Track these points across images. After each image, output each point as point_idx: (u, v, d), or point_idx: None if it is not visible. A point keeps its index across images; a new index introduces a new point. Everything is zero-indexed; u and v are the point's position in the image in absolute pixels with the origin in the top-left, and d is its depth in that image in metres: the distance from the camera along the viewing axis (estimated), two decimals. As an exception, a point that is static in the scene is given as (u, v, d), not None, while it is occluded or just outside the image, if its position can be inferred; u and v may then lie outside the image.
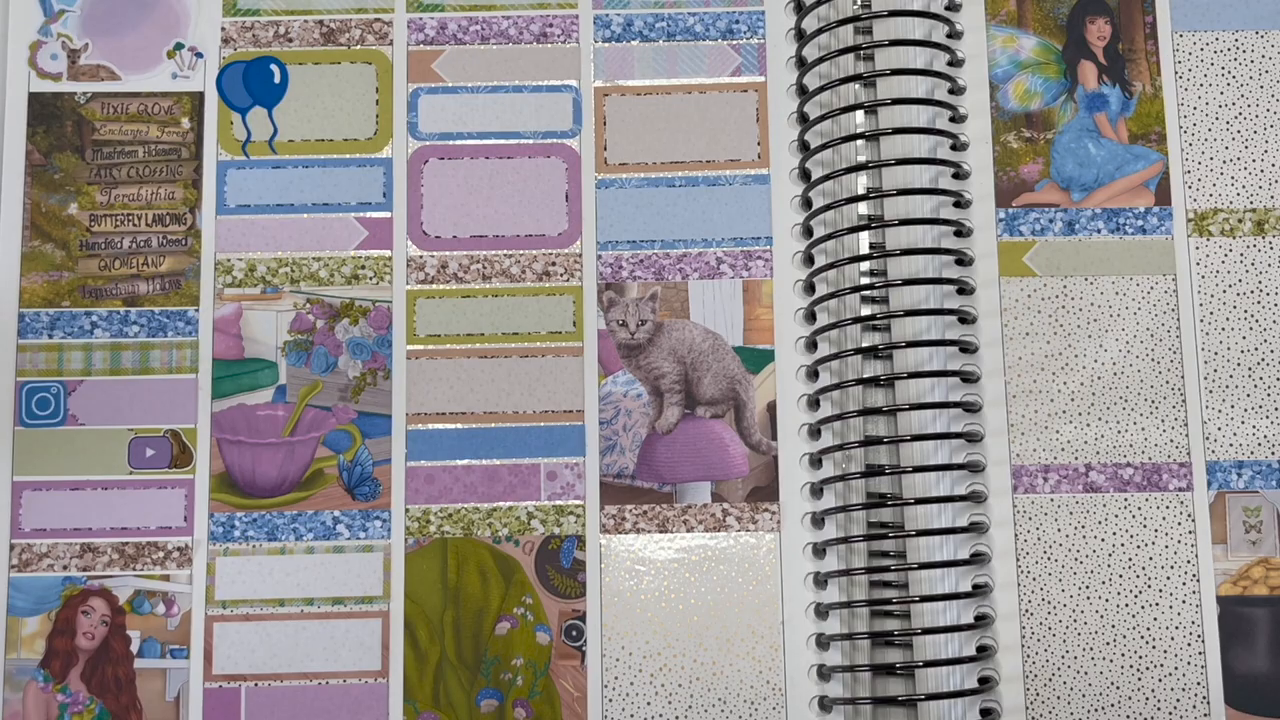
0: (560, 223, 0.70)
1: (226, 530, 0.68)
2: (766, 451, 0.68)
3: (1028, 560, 0.67)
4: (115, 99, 0.71)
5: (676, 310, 0.70)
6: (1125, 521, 0.67)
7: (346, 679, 0.67)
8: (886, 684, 0.66)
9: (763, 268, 0.70)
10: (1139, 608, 0.67)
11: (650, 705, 0.66)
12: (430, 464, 0.68)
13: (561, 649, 0.67)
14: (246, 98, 0.71)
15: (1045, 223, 0.70)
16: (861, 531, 0.66)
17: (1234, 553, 0.67)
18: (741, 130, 0.71)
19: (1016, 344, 0.69)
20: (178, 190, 0.70)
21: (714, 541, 0.68)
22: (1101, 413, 0.68)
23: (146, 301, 0.69)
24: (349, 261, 0.70)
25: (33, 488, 0.68)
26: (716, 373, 0.69)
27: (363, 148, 0.71)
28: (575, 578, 0.68)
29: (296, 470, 0.68)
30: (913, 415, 0.66)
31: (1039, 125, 0.71)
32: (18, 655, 0.67)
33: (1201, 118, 0.70)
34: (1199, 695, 0.66)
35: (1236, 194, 0.70)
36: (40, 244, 0.70)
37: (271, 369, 0.69)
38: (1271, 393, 0.68)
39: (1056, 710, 0.66)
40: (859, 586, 0.67)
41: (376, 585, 0.67)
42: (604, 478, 0.68)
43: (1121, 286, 0.69)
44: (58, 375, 0.69)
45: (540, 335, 0.69)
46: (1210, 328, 0.69)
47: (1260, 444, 0.68)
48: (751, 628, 0.67)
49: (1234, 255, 0.69)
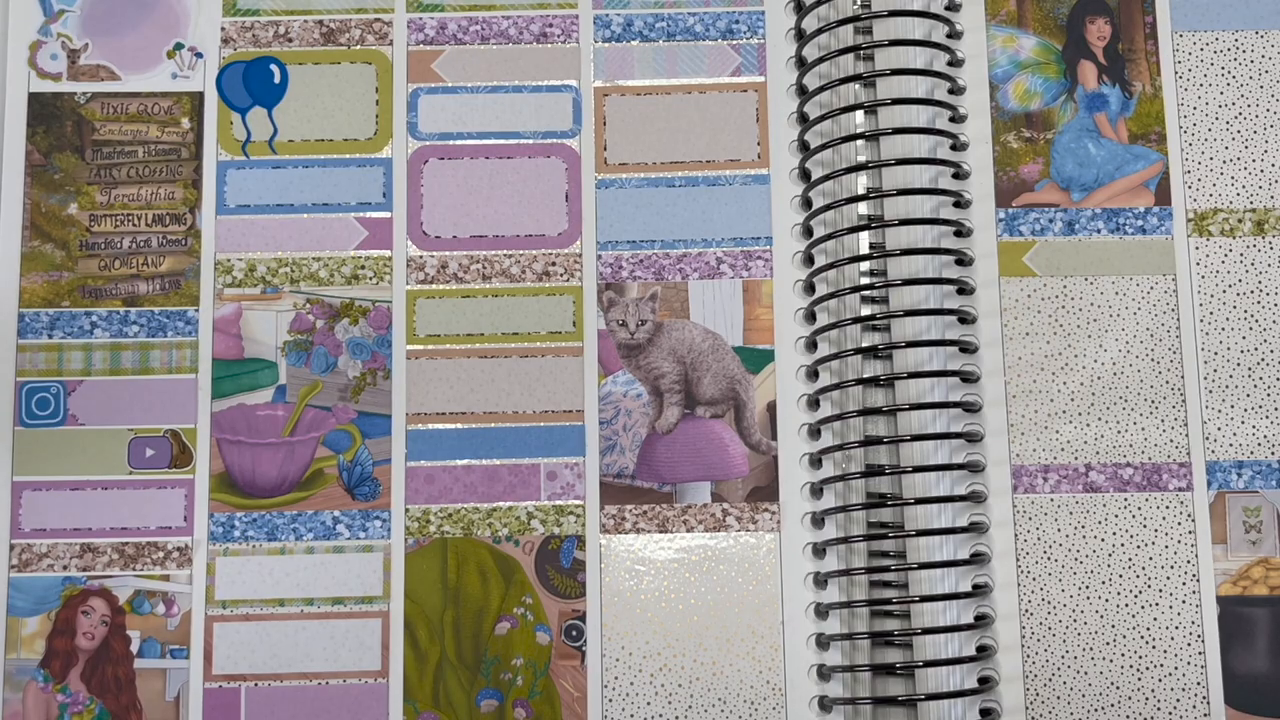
0: (560, 223, 0.70)
1: (226, 530, 0.68)
2: (766, 451, 0.68)
3: (1028, 560, 0.67)
4: (115, 99, 0.71)
5: (676, 310, 0.70)
6: (1125, 521, 0.67)
7: (346, 679, 0.67)
8: (886, 684, 0.66)
9: (763, 268, 0.70)
10: (1139, 608, 0.67)
11: (650, 705, 0.66)
12: (430, 464, 0.68)
13: (561, 649, 0.67)
14: (246, 98, 0.71)
15: (1045, 223, 0.70)
16: (861, 531, 0.66)
17: (1234, 553, 0.67)
18: (741, 130, 0.71)
19: (1016, 344, 0.69)
20: (178, 190, 0.70)
21: (714, 541, 0.68)
22: (1101, 413, 0.68)
23: (146, 301, 0.69)
24: (349, 261, 0.70)
25: (33, 488, 0.68)
26: (716, 373, 0.69)
27: (363, 148, 0.71)
28: (575, 578, 0.68)
29: (296, 470, 0.68)
30: (913, 415, 0.66)
31: (1039, 125, 0.71)
32: (18, 655, 0.67)
33: (1201, 118, 0.70)
34: (1199, 695, 0.66)
35: (1236, 194, 0.70)
36: (40, 244, 0.70)
37: (271, 369, 0.69)
38: (1271, 393, 0.68)
39: (1056, 710, 0.66)
40: (859, 586, 0.67)
41: (376, 585, 0.67)
42: (604, 478, 0.68)
43: (1121, 286, 0.69)
44: (58, 375, 0.69)
45: (540, 335, 0.69)
46: (1210, 328, 0.69)
47: (1260, 444, 0.68)
48: (751, 628, 0.67)
49: (1234, 255, 0.69)
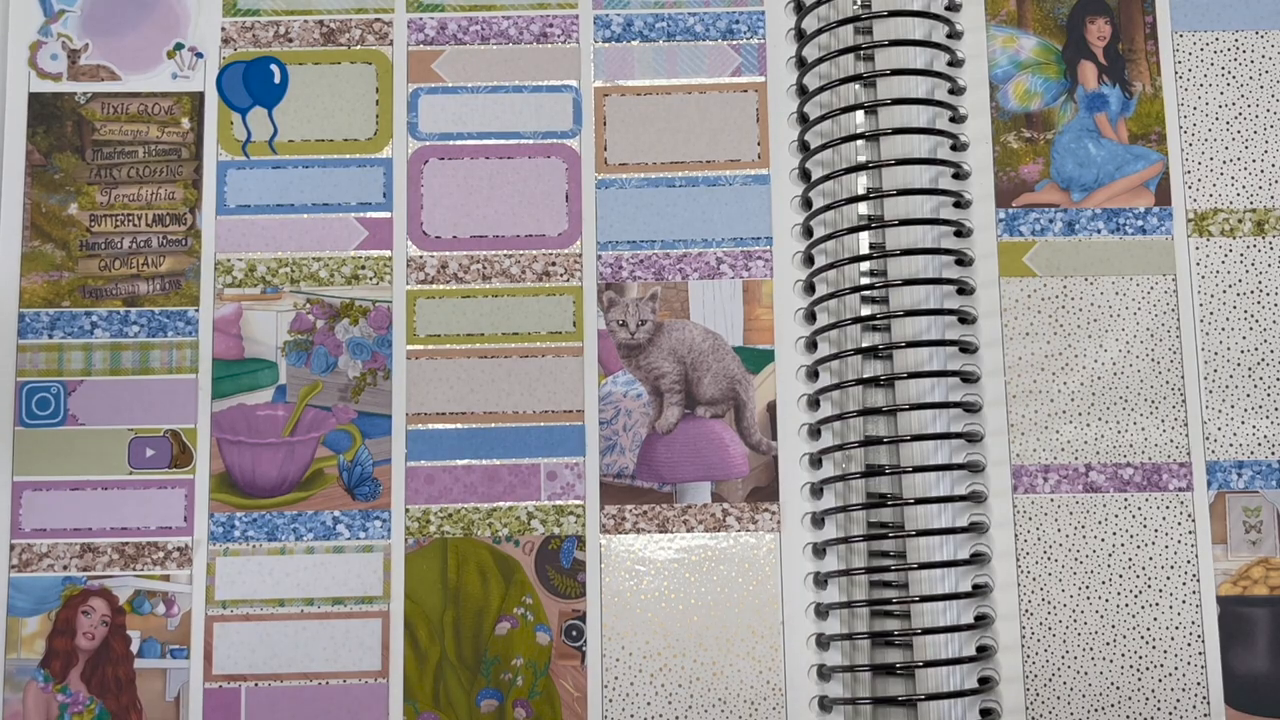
0: (560, 223, 0.70)
1: (226, 530, 0.68)
2: (766, 451, 0.68)
3: (1028, 560, 0.67)
4: (115, 99, 0.71)
5: (676, 310, 0.70)
6: (1125, 521, 0.67)
7: (346, 679, 0.67)
8: (887, 684, 0.66)
9: (763, 268, 0.70)
10: (1139, 608, 0.67)
11: (650, 705, 0.67)
12: (430, 464, 0.68)
13: (561, 649, 0.67)
14: (246, 98, 0.71)
15: (1045, 223, 0.70)
16: (861, 531, 0.67)
17: (1234, 553, 0.67)
18: (741, 130, 0.71)
19: (1016, 344, 0.69)
20: (178, 190, 0.70)
21: (714, 541, 0.68)
22: (1101, 413, 0.68)
23: (146, 301, 0.69)
24: (349, 261, 0.70)
25: (33, 488, 0.68)
26: (716, 373, 0.69)
27: (363, 148, 0.71)
28: (575, 578, 0.68)
29: (296, 470, 0.68)
30: (913, 415, 0.66)
31: (1039, 125, 0.71)
32: (18, 655, 0.67)
33: (1201, 118, 0.71)
34: (1199, 695, 0.66)
35: (1236, 194, 0.70)
36: (40, 244, 0.70)
37: (271, 369, 0.69)
38: (1271, 393, 0.68)
39: (1056, 710, 0.66)
40: (859, 586, 0.67)
41: (376, 585, 0.67)
42: (604, 478, 0.68)
43: (1121, 286, 0.69)
44: (58, 375, 0.69)
45: (540, 335, 0.69)
46: (1210, 328, 0.69)
47: (1260, 444, 0.68)
48: (751, 628, 0.67)
49: (1234, 255, 0.69)
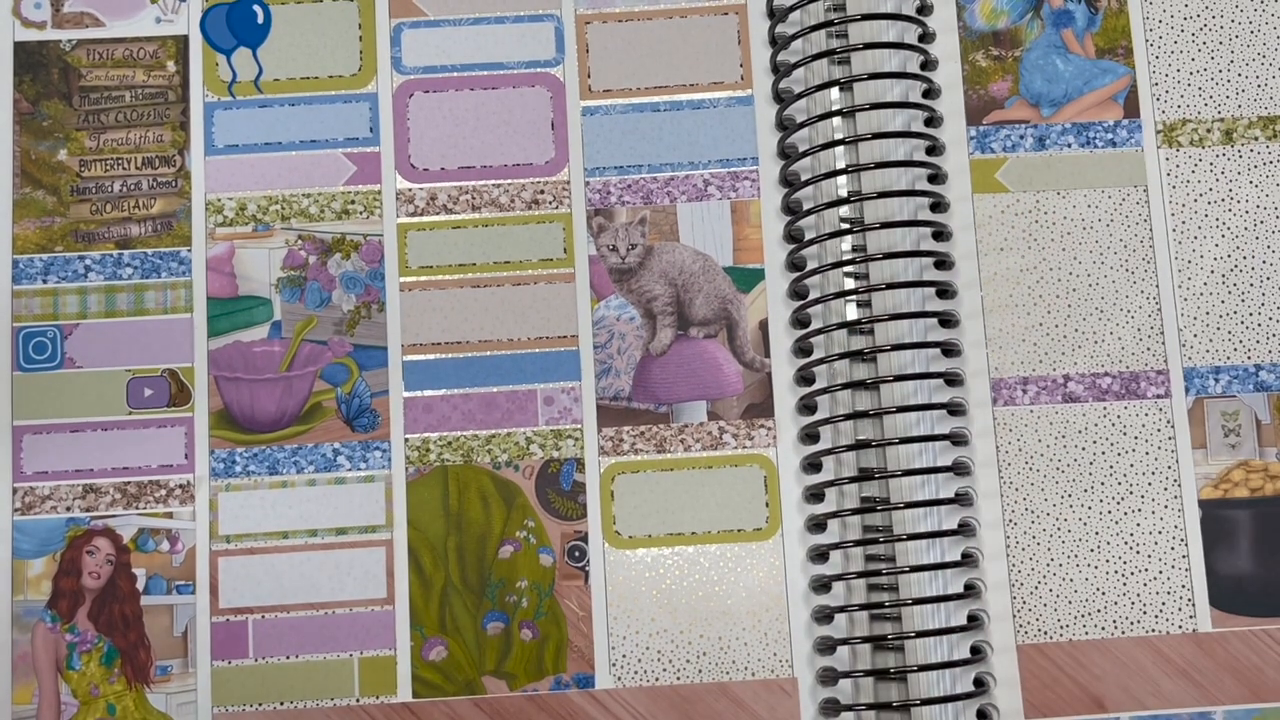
0: (547, 151, 0.71)
1: (228, 466, 0.68)
2: (760, 369, 0.69)
3: (1010, 471, 0.68)
4: (100, 45, 0.71)
5: (666, 233, 0.70)
6: (1105, 430, 0.68)
7: (353, 608, 0.67)
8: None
9: (749, 188, 0.70)
10: (1122, 514, 0.68)
11: (655, 621, 0.67)
12: (428, 394, 0.69)
13: (565, 570, 0.68)
14: (230, 39, 0.71)
15: (1016, 139, 0.71)
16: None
17: (1214, 457, 0.68)
18: (723, 52, 0.71)
19: (991, 259, 0.69)
20: (166, 133, 0.70)
21: (711, 458, 0.68)
22: (1078, 324, 0.69)
23: (139, 244, 0.70)
24: (338, 197, 0.70)
25: (33, 431, 0.68)
26: (708, 293, 0.70)
27: (348, 84, 0.71)
28: (576, 499, 0.68)
29: (295, 404, 0.69)
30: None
31: (1006, 43, 0.71)
32: (24, 597, 0.67)
33: (1167, 30, 0.71)
34: (1184, 598, 0.67)
35: (1204, 104, 0.71)
36: (31, 191, 0.70)
37: (266, 305, 0.69)
38: (1245, 299, 0.69)
39: (1043, 617, 0.67)
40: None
41: (379, 514, 0.68)
42: (600, 401, 0.69)
43: (1093, 199, 0.70)
44: (53, 319, 0.69)
45: (531, 263, 0.70)
46: (1182, 237, 0.70)
47: (1235, 349, 0.69)
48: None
49: (1204, 165, 0.70)
